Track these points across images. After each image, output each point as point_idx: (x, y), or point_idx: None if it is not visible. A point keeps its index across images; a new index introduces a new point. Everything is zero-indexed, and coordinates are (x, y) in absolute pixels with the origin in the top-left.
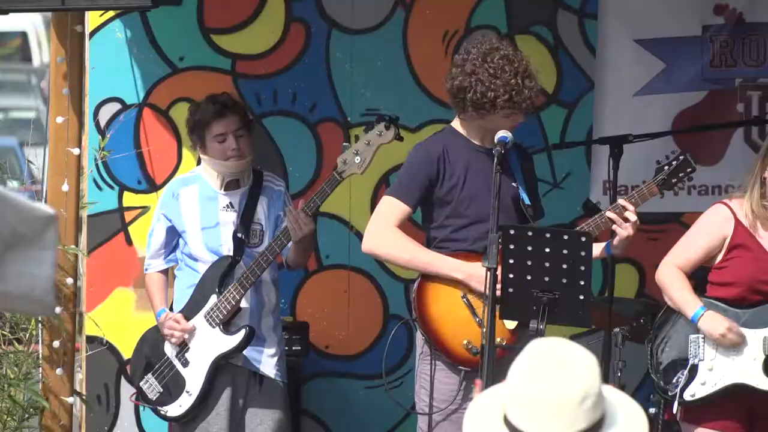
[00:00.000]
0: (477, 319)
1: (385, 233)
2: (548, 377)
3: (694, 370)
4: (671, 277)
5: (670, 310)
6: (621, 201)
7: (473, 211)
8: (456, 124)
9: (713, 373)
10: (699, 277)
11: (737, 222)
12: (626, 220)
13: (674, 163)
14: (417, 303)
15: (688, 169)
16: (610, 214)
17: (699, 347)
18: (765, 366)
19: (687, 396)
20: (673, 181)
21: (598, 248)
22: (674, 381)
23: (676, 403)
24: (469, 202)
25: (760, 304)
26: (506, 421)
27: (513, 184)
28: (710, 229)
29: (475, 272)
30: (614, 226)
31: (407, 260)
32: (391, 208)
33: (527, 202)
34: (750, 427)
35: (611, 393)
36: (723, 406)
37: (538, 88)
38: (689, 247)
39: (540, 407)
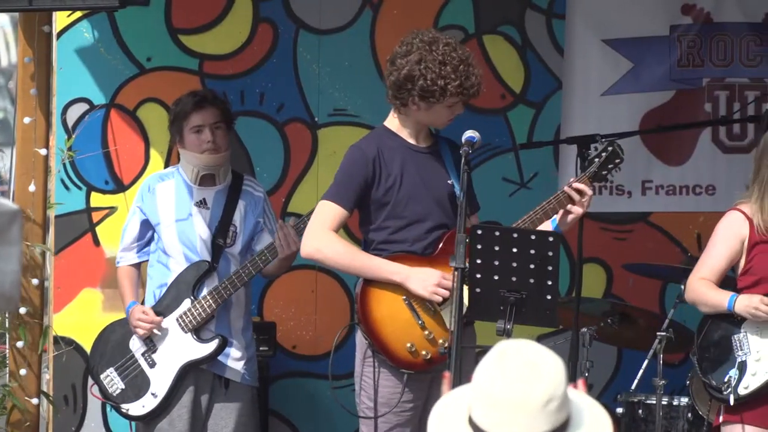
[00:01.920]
0: (419, 322)
1: (322, 237)
2: (514, 378)
3: (743, 365)
4: (698, 287)
5: (709, 319)
6: (576, 184)
7: (411, 211)
8: (389, 123)
9: (762, 363)
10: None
11: (752, 223)
12: (582, 194)
13: (603, 154)
14: (359, 306)
15: (617, 160)
16: (569, 189)
17: (744, 343)
18: None
19: (741, 390)
20: (604, 172)
21: (546, 225)
22: (726, 380)
23: (732, 398)
24: (407, 202)
25: None
26: (471, 422)
27: (448, 181)
28: (727, 234)
29: (412, 275)
30: (569, 206)
31: (345, 264)
32: (328, 212)
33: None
34: None
35: (576, 396)
36: (763, 402)
37: (482, 75)
38: (710, 258)
39: (504, 408)
